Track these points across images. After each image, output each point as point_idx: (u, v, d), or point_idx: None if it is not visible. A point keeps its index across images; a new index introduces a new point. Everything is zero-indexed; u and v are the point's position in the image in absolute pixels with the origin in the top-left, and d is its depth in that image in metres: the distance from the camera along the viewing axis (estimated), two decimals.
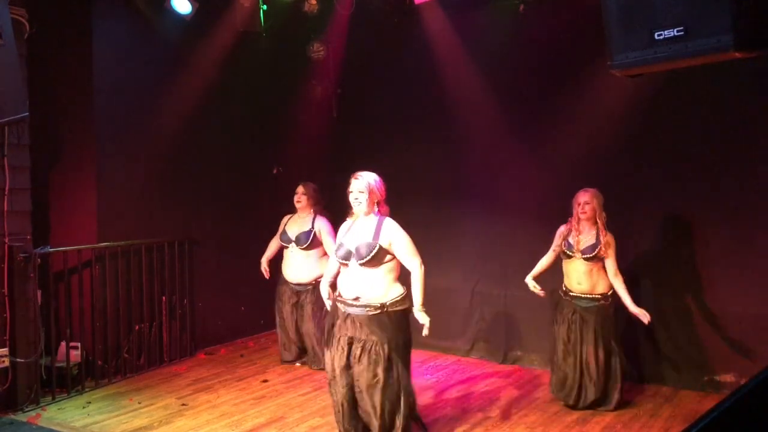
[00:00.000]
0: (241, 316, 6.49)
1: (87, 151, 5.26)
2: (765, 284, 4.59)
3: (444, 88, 5.80)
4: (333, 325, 3.75)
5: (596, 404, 4.41)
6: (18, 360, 4.44)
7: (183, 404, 4.64)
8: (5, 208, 4.44)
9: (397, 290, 3.65)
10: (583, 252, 4.37)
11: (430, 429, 4.16)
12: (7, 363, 4.39)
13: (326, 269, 4.09)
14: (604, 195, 4.45)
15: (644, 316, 4.25)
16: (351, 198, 3.69)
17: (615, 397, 4.40)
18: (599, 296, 4.41)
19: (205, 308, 6.11)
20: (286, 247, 5.47)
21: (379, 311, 3.57)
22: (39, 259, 4.67)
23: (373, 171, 5.02)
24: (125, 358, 5.31)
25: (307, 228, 5.38)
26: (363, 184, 3.67)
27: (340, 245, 3.75)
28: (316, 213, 5.43)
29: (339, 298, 3.73)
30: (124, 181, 5.39)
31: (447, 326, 5.95)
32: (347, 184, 3.74)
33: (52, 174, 5.29)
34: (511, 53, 5.54)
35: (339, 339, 3.68)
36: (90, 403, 4.69)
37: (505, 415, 4.40)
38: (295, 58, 6.43)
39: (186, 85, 5.75)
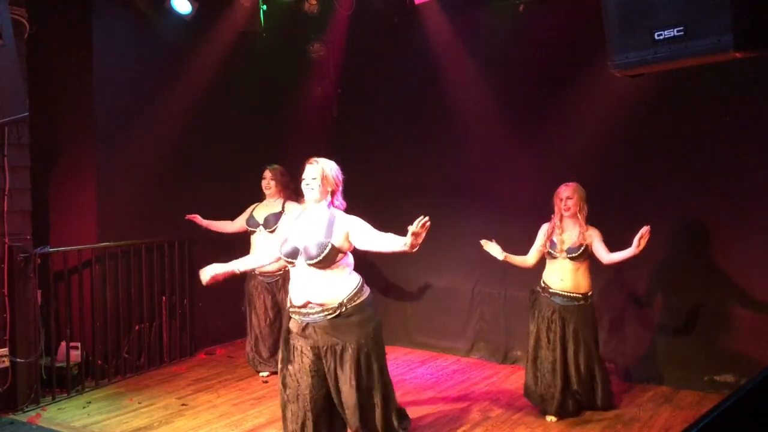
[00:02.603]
0: (241, 316, 6.48)
1: (87, 151, 5.26)
2: (765, 284, 4.59)
3: (444, 87, 5.80)
4: (289, 338, 3.41)
5: (584, 409, 4.29)
6: (18, 360, 4.44)
7: (183, 404, 4.64)
8: (5, 208, 4.44)
9: (352, 282, 3.33)
10: (568, 251, 4.23)
11: (431, 429, 4.16)
12: (7, 363, 4.39)
13: (256, 256, 3.74)
14: (604, 195, 4.42)
15: (644, 234, 3.94)
16: (303, 185, 3.40)
17: (601, 397, 4.29)
18: (580, 296, 4.26)
19: (205, 308, 6.11)
20: (253, 232, 5.27)
21: (338, 312, 3.25)
22: (39, 259, 4.67)
23: (372, 171, 5.07)
24: (125, 358, 5.31)
25: (276, 210, 5.23)
26: (317, 170, 3.36)
27: (285, 240, 3.38)
28: (285, 198, 5.28)
29: (291, 308, 3.38)
30: (124, 181, 5.39)
31: (447, 326, 5.97)
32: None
33: (52, 174, 5.29)
34: (511, 53, 5.54)
35: (301, 350, 3.34)
36: (90, 403, 4.69)
37: (505, 416, 4.40)
38: (295, 58, 6.42)
39: (186, 85, 5.74)
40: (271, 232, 5.15)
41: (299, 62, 6.40)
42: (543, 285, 4.37)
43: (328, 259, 3.24)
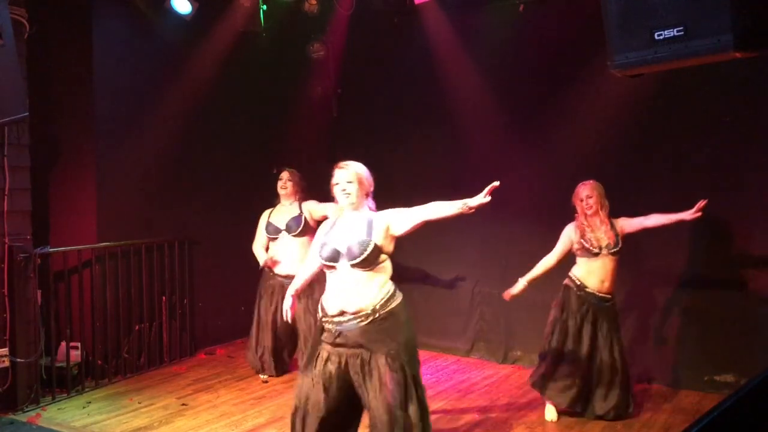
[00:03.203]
0: (240, 316, 6.48)
1: (87, 151, 5.26)
2: (765, 283, 4.59)
3: (444, 87, 5.80)
4: (318, 346, 3.23)
5: (617, 415, 4.18)
6: (18, 360, 4.43)
7: (183, 404, 4.64)
8: (5, 208, 4.44)
9: (386, 288, 3.17)
10: (607, 248, 4.18)
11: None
12: (7, 363, 4.39)
13: (306, 266, 3.48)
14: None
15: (700, 207, 4.06)
16: (337, 190, 3.25)
17: (632, 402, 4.27)
18: (610, 297, 4.25)
19: (205, 308, 6.11)
20: (275, 239, 5.18)
21: (371, 318, 3.08)
22: (39, 259, 4.66)
23: (372, 171, 5.06)
24: (125, 358, 5.31)
25: (295, 213, 5.14)
26: (351, 174, 3.23)
27: (324, 244, 3.22)
28: (300, 200, 5.22)
29: (324, 318, 3.20)
30: (124, 181, 5.39)
31: (447, 326, 5.96)
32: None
33: (52, 174, 5.28)
34: (510, 53, 5.54)
35: (327, 357, 3.15)
36: (90, 403, 4.69)
37: (505, 416, 4.40)
38: (295, 58, 6.43)
39: (186, 85, 5.74)
40: (296, 236, 5.06)
41: (299, 62, 6.40)
42: (578, 283, 4.26)
43: (370, 259, 3.09)
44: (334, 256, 3.15)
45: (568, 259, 4.39)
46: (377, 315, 3.09)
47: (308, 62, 6.35)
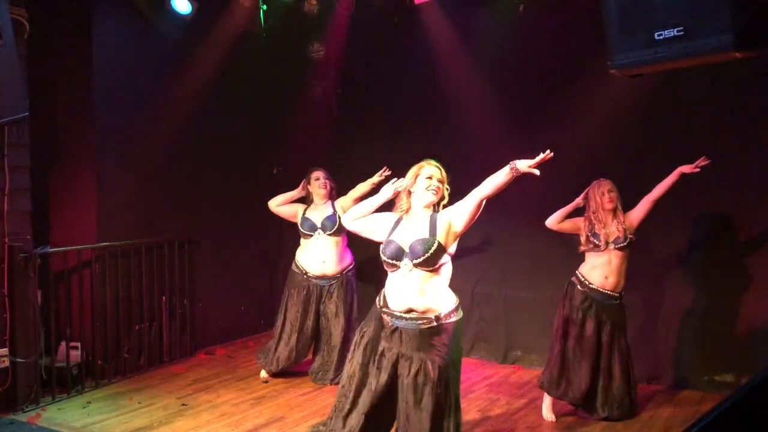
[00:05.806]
0: (241, 316, 6.49)
1: (87, 151, 5.25)
2: (765, 283, 4.59)
3: (444, 87, 5.80)
4: (375, 337, 3.23)
5: (619, 416, 4.20)
6: (18, 360, 4.43)
7: (183, 404, 4.64)
8: (5, 208, 4.44)
9: (450, 299, 3.16)
10: (615, 242, 4.20)
11: None
12: (7, 363, 4.39)
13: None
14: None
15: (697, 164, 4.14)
16: (427, 184, 3.21)
17: (635, 403, 4.29)
18: (617, 295, 4.26)
19: (205, 308, 6.11)
20: (309, 237, 5.12)
21: (432, 324, 3.06)
22: (39, 259, 4.66)
23: (372, 171, 5.07)
24: (125, 358, 5.31)
25: (329, 212, 5.11)
26: (444, 176, 3.24)
27: (390, 242, 3.16)
28: (332, 199, 5.21)
29: (386, 310, 3.18)
30: (124, 181, 5.39)
31: None
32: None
33: (52, 174, 5.28)
34: (510, 53, 5.54)
35: (382, 353, 3.16)
36: (90, 403, 4.69)
37: (505, 415, 4.40)
38: (295, 58, 6.43)
39: (186, 85, 5.74)
40: (331, 234, 5.05)
41: (299, 62, 6.40)
42: (582, 278, 4.30)
43: (433, 259, 3.06)
44: (398, 255, 3.11)
45: (574, 258, 4.43)
46: (440, 323, 3.07)
47: (308, 62, 6.34)
